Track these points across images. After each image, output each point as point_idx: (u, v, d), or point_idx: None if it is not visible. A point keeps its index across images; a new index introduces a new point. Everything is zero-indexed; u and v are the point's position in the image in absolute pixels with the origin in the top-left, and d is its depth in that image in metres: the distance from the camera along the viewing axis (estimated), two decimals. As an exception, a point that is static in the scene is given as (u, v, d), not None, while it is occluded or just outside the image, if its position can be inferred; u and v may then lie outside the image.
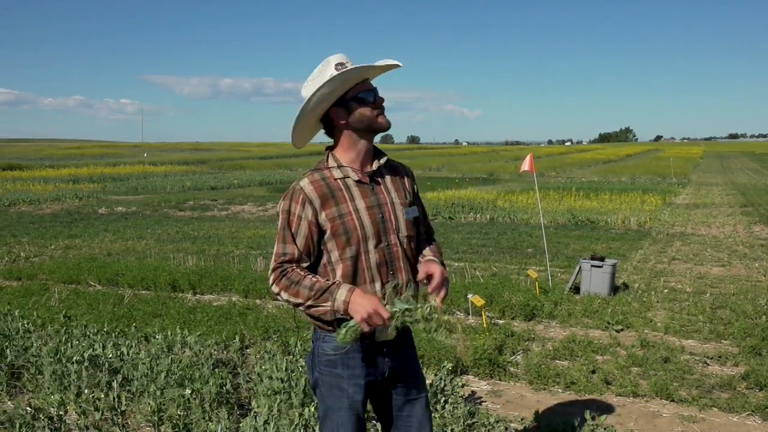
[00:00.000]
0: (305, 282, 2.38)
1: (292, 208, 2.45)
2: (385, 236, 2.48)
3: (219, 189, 30.87)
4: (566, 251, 11.96)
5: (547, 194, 22.91)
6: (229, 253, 11.83)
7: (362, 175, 2.50)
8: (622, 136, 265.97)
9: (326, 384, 2.54)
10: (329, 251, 2.46)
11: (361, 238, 2.44)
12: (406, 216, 2.54)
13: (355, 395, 2.51)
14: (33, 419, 3.95)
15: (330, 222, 2.43)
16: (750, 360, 5.66)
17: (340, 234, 2.43)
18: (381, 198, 2.51)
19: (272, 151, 78.48)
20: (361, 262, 2.45)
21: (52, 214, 19.45)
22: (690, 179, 37.40)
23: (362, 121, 2.47)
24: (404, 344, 2.62)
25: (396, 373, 2.59)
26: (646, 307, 7.57)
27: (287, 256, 2.44)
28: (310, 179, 2.47)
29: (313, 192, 2.43)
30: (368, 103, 2.47)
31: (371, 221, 2.46)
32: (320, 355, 2.55)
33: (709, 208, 20.49)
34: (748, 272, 10.02)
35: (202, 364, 4.89)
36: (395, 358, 2.57)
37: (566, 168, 49.25)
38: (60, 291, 8.33)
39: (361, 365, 2.51)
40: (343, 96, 2.46)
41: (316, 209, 2.43)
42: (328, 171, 2.50)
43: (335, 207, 2.43)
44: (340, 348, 2.46)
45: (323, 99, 2.44)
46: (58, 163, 54.69)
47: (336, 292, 2.35)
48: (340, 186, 2.47)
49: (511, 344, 6.11)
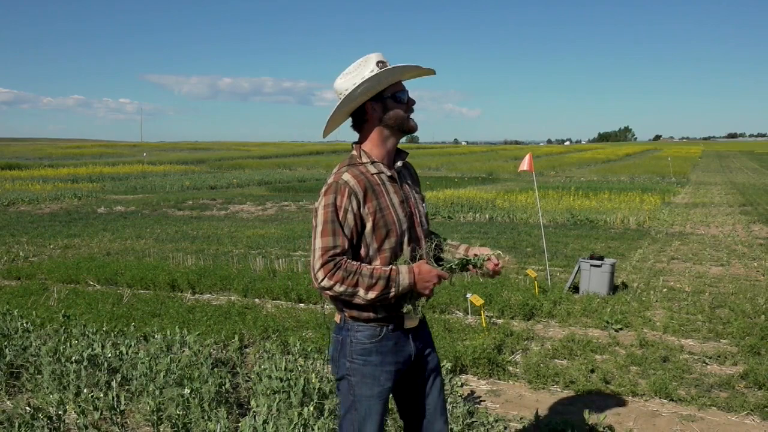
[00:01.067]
0: (363, 271, 2.45)
1: (338, 201, 2.50)
2: (413, 229, 2.64)
3: (218, 188, 30.86)
4: (565, 251, 11.96)
5: (546, 194, 22.92)
6: (228, 252, 11.83)
7: (392, 171, 2.64)
8: (621, 135, 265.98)
9: (358, 373, 2.61)
10: (368, 244, 2.55)
11: (399, 231, 2.57)
12: (425, 210, 2.74)
13: (386, 383, 2.62)
14: (32, 419, 3.95)
15: (371, 215, 2.52)
16: (749, 359, 5.66)
17: (380, 227, 2.53)
18: (407, 193, 2.67)
19: (271, 151, 78.48)
20: (397, 254, 2.57)
21: (51, 214, 19.44)
22: (689, 179, 37.43)
23: (395, 119, 2.59)
24: (424, 328, 2.78)
25: (421, 357, 2.74)
26: (645, 306, 7.58)
27: (338, 248, 2.47)
28: (351, 174, 2.54)
29: (357, 186, 2.51)
30: (403, 103, 2.60)
31: (404, 215, 2.60)
32: (353, 345, 2.61)
33: (708, 208, 20.51)
34: (746, 271, 10.03)
35: (201, 363, 4.89)
36: (419, 341, 2.72)
37: (565, 167, 49.28)
38: (59, 290, 8.32)
39: (392, 352, 2.62)
40: (381, 93, 2.57)
41: (360, 202, 2.51)
42: (363, 166, 2.59)
43: (375, 201, 2.54)
44: (375, 336, 2.59)
45: (365, 92, 2.54)
46: (57, 162, 54.66)
47: (398, 278, 2.47)
48: (377, 181, 2.58)
49: (510, 344, 6.11)
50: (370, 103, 2.57)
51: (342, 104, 2.55)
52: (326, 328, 6.40)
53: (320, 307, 7.60)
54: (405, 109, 2.60)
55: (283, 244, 12.83)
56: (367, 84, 2.50)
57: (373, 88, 2.53)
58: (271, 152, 75.10)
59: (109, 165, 48.91)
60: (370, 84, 2.50)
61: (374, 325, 2.58)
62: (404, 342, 2.65)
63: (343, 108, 2.57)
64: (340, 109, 2.57)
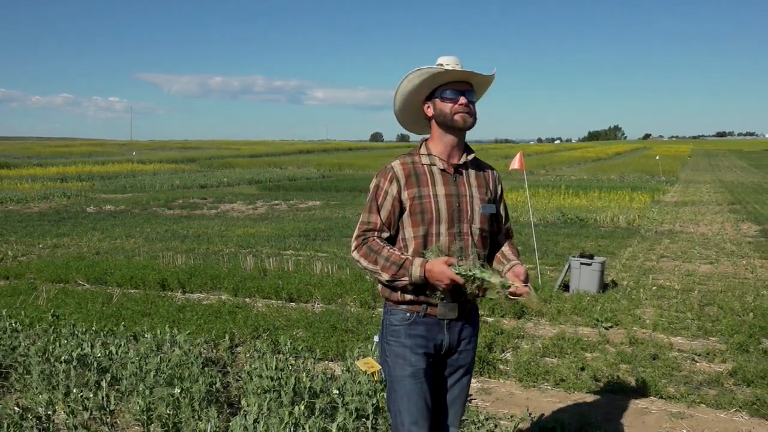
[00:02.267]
0: (383, 252, 2.64)
1: (381, 183, 2.72)
2: (458, 223, 2.70)
3: (208, 187, 30.79)
4: (556, 249, 12.00)
5: (536, 192, 22.99)
6: (218, 251, 11.80)
7: (447, 165, 2.73)
8: (611, 134, 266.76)
9: (392, 353, 2.75)
10: (404, 228, 2.71)
11: (435, 220, 2.67)
12: (482, 211, 2.76)
13: (417, 363, 2.70)
14: (21, 419, 3.92)
15: (410, 200, 2.68)
16: (737, 357, 5.70)
17: (416, 213, 2.67)
18: (461, 189, 2.74)
19: (262, 150, 78.26)
20: (430, 243, 2.67)
21: (40, 213, 19.32)
22: (678, 177, 37.64)
23: (441, 116, 2.71)
24: (467, 323, 2.81)
25: (454, 350, 2.79)
26: (635, 304, 7.61)
27: (371, 225, 2.71)
28: (401, 161, 2.75)
29: (401, 171, 2.71)
30: (450, 99, 2.68)
31: (447, 207, 2.68)
32: (388, 327, 2.78)
33: (697, 206, 20.63)
34: (735, 269, 10.09)
35: (191, 362, 4.87)
36: (455, 335, 2.76)
37: (555, 166, 49.43)
38: (48, 290, 8.27)
39: (423, 336, 2.71)
40: (433, 92, 2.73)
41: (401, 187, 2.69)
42: (418, 157, 2.76)
43: (417, 188, 2.68)
44: (405, 320, 2.71)
45: (405, 92, 2.74)
46: (46, 161, 54.32)
47: (410, 268, 2.59)
48: (425, 171, 2.72)
49: (500, 342, 6.12)
50: (426, 101, 2.76)
51: (394, 106, 2.81)
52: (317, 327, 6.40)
53: (311, 306, 7.59)
54: (452, 106, 2.67)
55: (273, 243, 12.81)
56: (402, 85, 2.72)
57: (415, 90, 2.72)
58: (261, 151, 74.90)
59: (99, 164, 48.67)
60: (405, 84, 2.71)
61: (405, 309, 2.71)
62: (438, 331, 2.72)
63: (396, 108, 2.82)
64: (396, 109, 2.83)
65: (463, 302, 2.72)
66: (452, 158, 2.75)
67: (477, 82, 2.75)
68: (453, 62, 2.66)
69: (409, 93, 2.74)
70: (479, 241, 2.74)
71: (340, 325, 6.39)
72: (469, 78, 2.71)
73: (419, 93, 2.74)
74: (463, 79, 2.71)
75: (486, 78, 2.75)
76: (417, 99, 2.77)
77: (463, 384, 2.85)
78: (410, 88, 2.72)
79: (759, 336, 6.22)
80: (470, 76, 2.71)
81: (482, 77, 2.73)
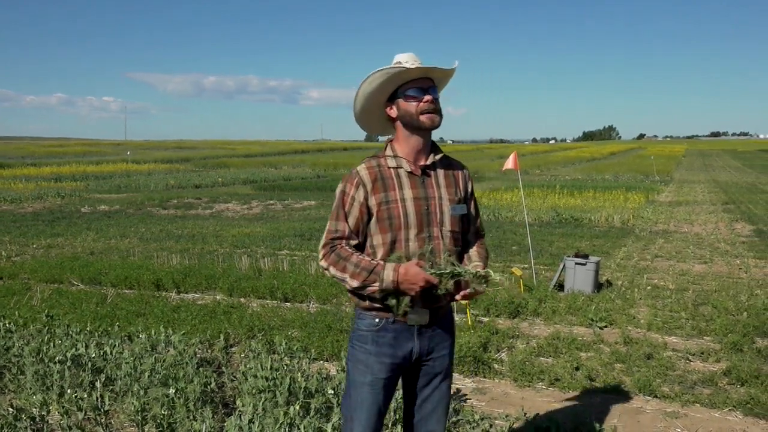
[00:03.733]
0: (352, 259, 2.53)
1: (347, 189, 2.61)
2: (428, 227, 2.60)
3: (203, 187, 30.74)
4: (550, 249, 12.01)
5: (531, 192, 23.02)
6: (213, 251, 11.78)
7: (415, 167, 2.63)
8: (605, 134, 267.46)
9: (354, 358, 2.68)
10: (372, 234, 2.61)
11: (403, 226, 2.57)
12: (453, 212, 2.65)
13: (379, 373, 2.62)
14: (15, 420, 3.91)
15: (377, 206, 2.58)
16: (732, 356, 5.71)
17: (384, 219, 2.57)
18: (430, 191, 2.63)
19: (256, 149, 78.21)
20: (399, 248, 2.57)
21: (34, 213, 19.26)
22: (672, 177, 37.74)
23: (406, 117, 2.61)
24: (440, 329, 2.71)
25: (425, 356, 2.69)
26: (630, 304, 7.63)
27: (338, 233, 2.60)
28: (366, 165, 2.63)
29: (367, 176, 2.59)
30: (414, 98, 2.58)
31: (416, 211, 2.58)
32: (355, 331, 2.70)
33: (691, 206, 20.68)
34: (729, 269, 10.12)
35: (186, 363, 4.86)
36: (426, 341, 2.67)
37: (550, 166, 49.53)
38: (42, 290, 8.25)
39: (389, 344, 2.62)
40: (395, 91, 2.62)
41: (367, 192, 2.58)
42: (384, 159, 2.65)
43: (383, 193, 2.58)
44: (372, 326, 2.62)
45: (366, 94, 2.63)
46: (40, 161, 54.19)
47: (382, 273, 2.48)
48: (392, 174, 2.61)
49: (495, 342, 6.13)
50: (388, 102, 2.66)
51: (354, 109, 2.70)
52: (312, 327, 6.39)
53: (306, 306, 7.59)
54: (417, 105, 2.58)
55: (268, 242, 12.80)
56: (363, 87, 2.60)
57: (377, 90, 2.61)
58: (256, 151, 74.86)
59: (93, 164, 48.57)
60: (365, 87, 2.60)
61: (373, 315, 2.62)
62: (407, 338, 2.63)
63: (356, 111, 2.70)
64: (355, 112, 2.71)
65: (435, 308, 2.63)
66: (419, 159, 2.65)
67: (438, 76, 2.65)
68: (411, 59, 2.57)
69: (371, 95, 2.63)
70: (450, 244, 2.64)
71: (335, 325, 6.38)
72: (431, 74, 2.61)
73: (381, 94, 2.63)
74: (425, 75, 2.61)
75: (448, 72, 2.65)
76: (379, 101, 2.66)
77: (443, 391, 2.75)
78: (371, 89, 2.60)
79: (753, 335, 6.24)
80: (433, 72, 2.61)
81: (445, 71, 2.63)
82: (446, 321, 2.75)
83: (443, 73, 2.65)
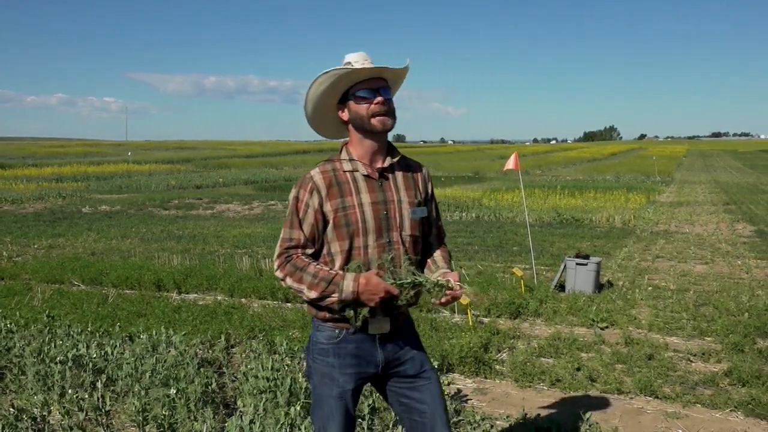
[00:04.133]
0: (310, 269, 2.43)
1: (300, 195, 2.51)
2: (387, 233, 2.51)
3: (204, 188, 30.75)
4: (551, 249, 12.01)
5: (532, 192, 23.00)
6: (214, 252, 11.78)
7: (371, 170, 2.53)
8: (606, 134, 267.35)
9: (318, 372, 2.57)
10: (329, 242, 2.51)
11: (361, 232, 2.47)
12: (413, 215, 2.55)
13: (345, 385, 2.53)
14: (16, 420, 3.92)
15: (333, 213, 2.47)
16: (733, 357, 5.71)
17: (341, 225, 2.47)
18: (388, 195, 2.53)
19: (257, 150, 78.25)
20: (359, 256, 2.48)
21: (35, 213, 19.28)
22: (673, 177, 37.73)
23: (357, 119, 2.50)
24: (402, 334, 2.62)
25: (393, 364, 2.59)
26: (631, 304, 7.62)
27: (293, 241, 2.50)
28: (320, 169, 2.52)
29: (321, 181, 2.49)
30: (365, 99, 2.48)
31: (374, 216, 2.48)
32: (315, 344, 2.59)
33: (692, 206, 20.67)
34: (730, 270, 10.11)
35: (187, 363, 4.87)
36: (390, 349, 2.57)
37: (551, 166, 49.52)
38: (43, 291, 8.25)
39: (352, 355, 2.53)
40: (345, 93, 2.52)
41: (322, 198, 2.48)
42: (339, 163, 2.54)
43: (340, 199, 2.48)
44: (333, 337, 2.53)
45: (315, 97, 2.52)
46: (40, 161, 54.25)
47: (341, 283, 2.39)
48: (347, 179, 2.51)
49: (496, 342, 6.13)
50: (339, 105, 2.55)
51: (306, 113, 2.58)
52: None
53: (307, 306, 7.58)
54: (368, 107, 2.47)
55: (269, 243, 12.79)
56: (311, 90, 2.51)
57: (325, 93, 2.50)
58: (257, 151, 74.90)
59: (94, 164, 48.60)
60: (313, 90, 2.50)
61: (332, 326, 2.53)
62: (369, 347, 2.54)
63: (308, 114, 2.60)
64: (307, 116, 2.59)
65: (395, 315, 2.54)
66: (376, 162, 2.54)
67: (391, 76, 2.54)
68: (361, 59, 2.46)
69: (320, 97, 2.52)
70: (411, 248, 2.55)
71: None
72: (383, 74, 2.50)
73: (331, 96, 2.52)
74: (377, 75, 2.49)
75: (400, 71, 2.54)
76: (329, 103, 2.55)
77: (432, 391, 2.60)
78: (320, 92, 2.50)
79: (754, 336, 6.23)
80: (384, 72, 2.50)
81: (396, 71, 2.53)
82: (407, 326, 2.66)
83: (395, 73, 2.54)
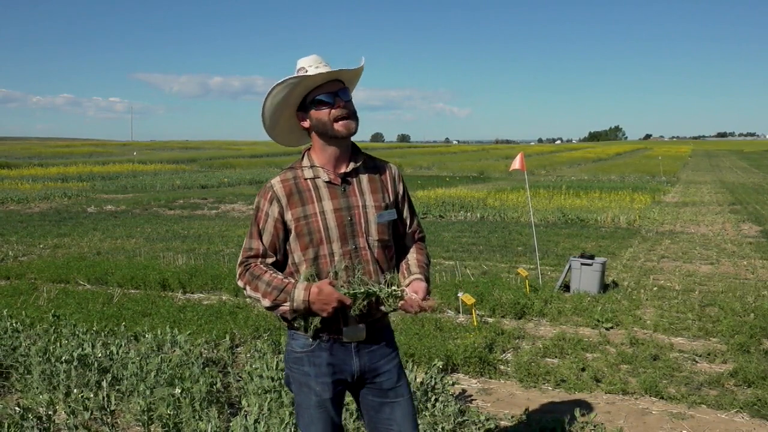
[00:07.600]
0: (264, 277, 2.40)
1: (261, 204, 2.48)
2: (353, 239, 2.45)
3: (209, 188, 30.77)
4: (556, 249, 11.99)
5: (537, 192, 22.97)
6: (219, 252, 11.80)
7: (334, 176, 2.47)
8: (611, 134, 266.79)
9: (296, 381, 2.55)
10: (293, 251, 2.47)
11: (325, 240, 2.42)
12: (379, 220, 2.49)
13: (323, 393, 2.49)
14: (22, 419, 3.93)
15: (295, 222, 2.43)
16: (738, 357, 5.70)
17: (303, 234, 2.43)
18: (352, 200, 2.47)
19: (262, 150, 78.24)
20: (324, 264, 2.43)
21: (41, 213, 19.33)
22: (679, 178, 37.61)
23: (319, 126, 2.44)
24: (379, 344, 2.56)
25: (369, 374, 2.54)
26: (636, 305, 7.61)
27: (252, 251, 2.47)
28: (281, 178, 2.49)
29: (282, 190, 2.45)
30: (325, 104, 2.42)
31: (338, 223, 2.43)
32: (290, 353, 2.56)
33: (697, 207, 20.61)
34: (736, 270, 10.09)
35: (192, 363, 4.87)
36: (367, 358, 2.52)
37: (556, 166, 49.42)
38: (49, 290, 8.28)
39: (327, 364, 2.49)
40: (304, 99, 2.46)
41: (282, 207, 2.44)
42: (300, 170, 2.49)
43: (301, 207, 2.43)
44: (307, 346, 2.49)
45: (272, 108, 2.45)
46: (46, 161, 54.33)
47: (293, 292, 2.35)
48: (309, 186, 2.46)
49: (501, 342, 6.12)
50: (298, 111, 2.49)
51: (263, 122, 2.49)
52: None
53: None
54: (330, 111, 2.41)
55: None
56: (270, 99, 2.43)
57: (284, 100, 2.44)
58: (261, 151, 74.88)
59: (99, 164, 48.69)
60: (271, 99, 2.43)
61: (304, 334, 2.47)
62: (344, 355, 2.49)
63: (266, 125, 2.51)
64: (265, 125, 2.51)
65: (371, 322, 2.48)
66: (339, 167, 2.48)
67: (347, 77, 2.49)
68: (315, 62, 2.41)
69: (277, 109, 2.45)
70: (380, 254, 2.48)
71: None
72: (339, 76, 2.45)
73: (288, 106, 2.46)
74: (333, 78, 2.43)
75: (355, 71, 2.49)
76: (288, 113, 2.49)
77: (404, 409, 2.55)
78: (277, 103, 2.43)
79: (760, 336, 6.22)
80: (339, 75, 2.44)
81: (352, 72, 2.47)
82: (385, 334, 2.60)
83: (351, 73, 2.48)
